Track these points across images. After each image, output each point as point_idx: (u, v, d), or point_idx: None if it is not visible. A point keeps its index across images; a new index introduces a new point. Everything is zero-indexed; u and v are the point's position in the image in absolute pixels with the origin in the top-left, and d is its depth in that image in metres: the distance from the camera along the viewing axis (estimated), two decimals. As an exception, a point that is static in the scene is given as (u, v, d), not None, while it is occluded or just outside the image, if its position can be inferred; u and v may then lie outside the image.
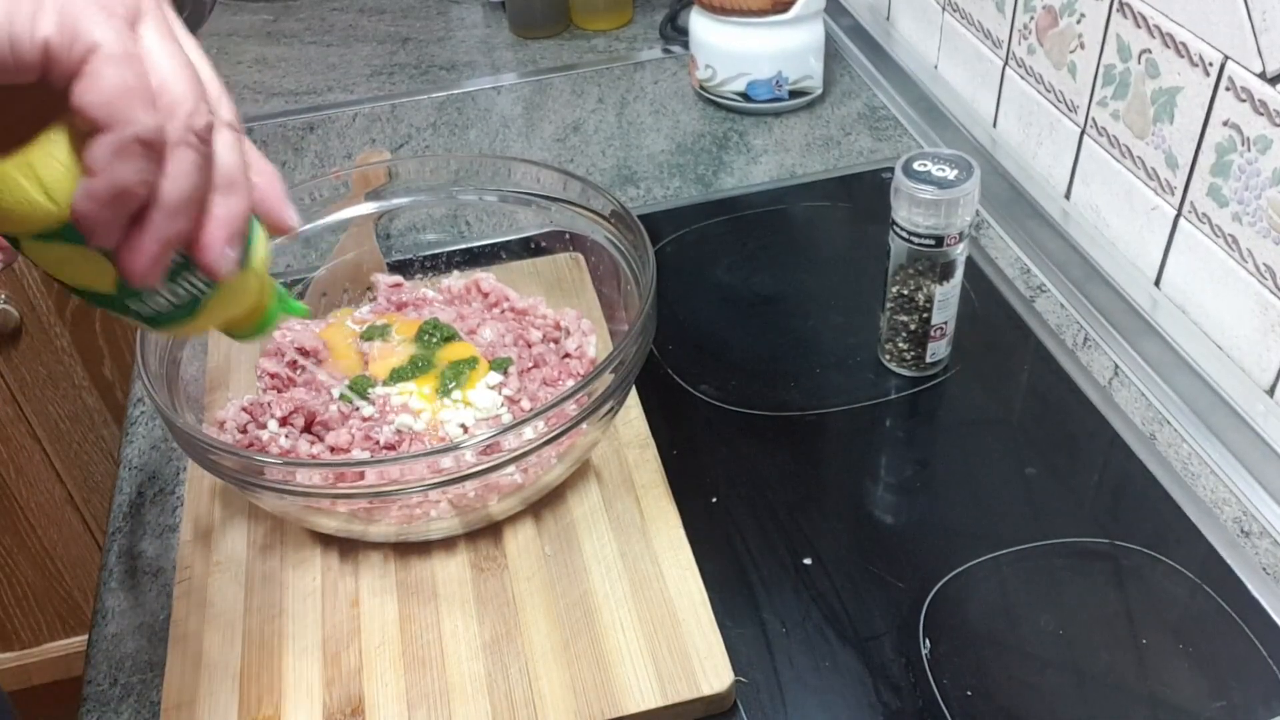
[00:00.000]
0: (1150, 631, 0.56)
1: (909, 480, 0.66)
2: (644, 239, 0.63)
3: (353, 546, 0.61)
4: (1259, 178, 0.63)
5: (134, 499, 0.68)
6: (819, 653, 0.56)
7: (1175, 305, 0.73)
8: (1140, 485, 0.64)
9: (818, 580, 0.60)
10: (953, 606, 0.58)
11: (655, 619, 0.56)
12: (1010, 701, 0.54)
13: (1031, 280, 0.80)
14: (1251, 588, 0.58)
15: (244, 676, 0.55)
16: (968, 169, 0.63)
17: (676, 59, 1.11)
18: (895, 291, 0.68)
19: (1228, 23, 0.63)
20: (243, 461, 0.54)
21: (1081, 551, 0.61)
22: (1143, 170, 0.73)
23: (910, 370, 0.72)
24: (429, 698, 0.54)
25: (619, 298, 0.69)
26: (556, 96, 1.06)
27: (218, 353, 0.69)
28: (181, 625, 0.58)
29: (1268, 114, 0.61)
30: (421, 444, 0.61)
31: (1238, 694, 0.53)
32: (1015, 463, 0.66)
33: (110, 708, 0.57)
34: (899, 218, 0.64)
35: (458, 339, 0.66)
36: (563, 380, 0.67)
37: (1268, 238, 0.63)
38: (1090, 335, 0.75)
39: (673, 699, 0.53)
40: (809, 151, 0.96)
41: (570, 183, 0.69)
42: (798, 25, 0.96)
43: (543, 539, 0.61)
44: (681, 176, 0.93)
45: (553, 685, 0.54)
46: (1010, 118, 0.89)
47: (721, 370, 0.73)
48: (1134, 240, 0.76)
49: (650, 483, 0.63)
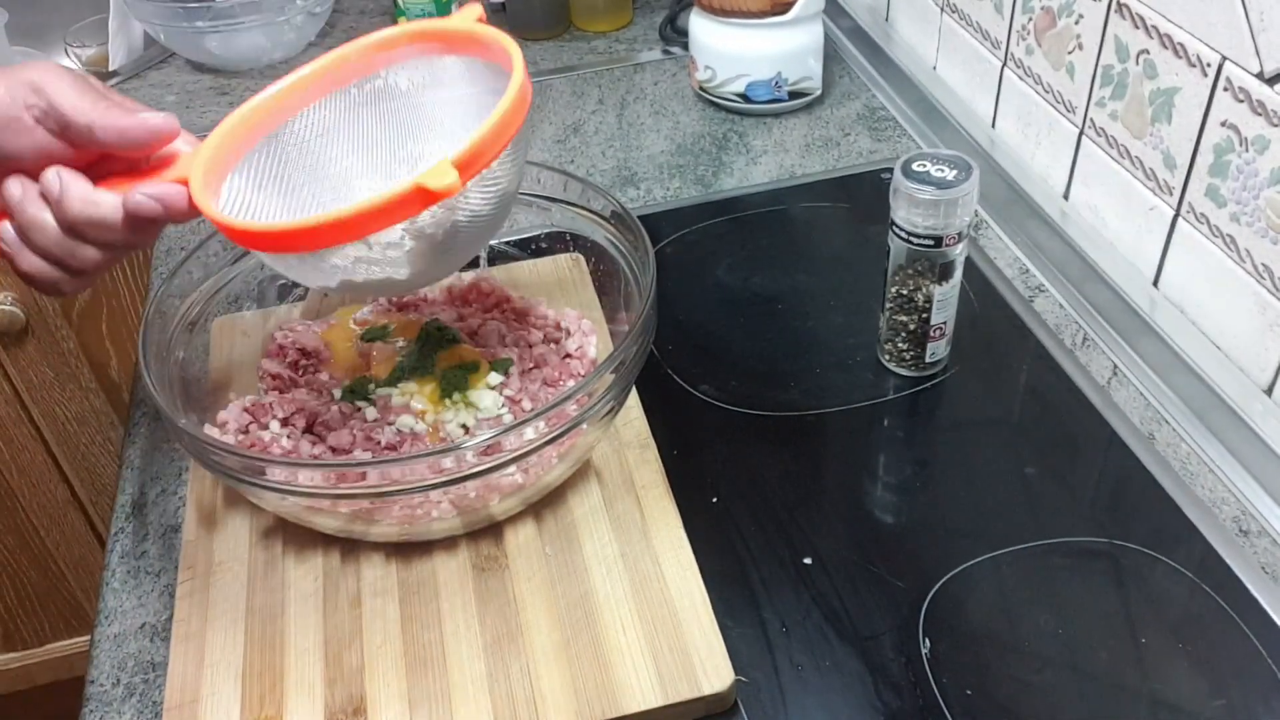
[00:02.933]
0: (1150, 631, 0.57)
1: (909, 480, 0.66)
2: (644, 240, 0.63)
3: (354, 546, 0.61)
4: (1257, 178, 0.63)
5: (136, 499, 0.68)
6: (819, 652, 0.56)
7: (1173, 305, 0.73)
8: (1139, 485, 0.64)
9: (818, 580, 0.60)
10: (952, 606, 0.58)
11: (656, 619, 0.56)
12: (1010, 701, 0.54)
13: (1030, 280, 0.80)
14: (1250, 587, 0.58)
15: (246, 676, 0.56)
16: (966, 169, 0.63)
17: (676, 60, 1.12)
18: (894, 292, 0.68)
19: (1225, 23, 0.63)
20: (244, 462, 0.54)
21: (1080, 551, 0.61)
22: (1141, 170, 0.74)
23: (910, 370, 0.72)
24: (430, 697, 0.54)
25: (619, 298, 0.69)
26: (557, 98, 1.07)
27: (220, 354, 0.69)
28: (184, 625, 0.58)
29: (1265, 114, 0.61)
30: (422, 445, 0.61)
31: (1237, 693, 0.54)
32: (1014, 462, 0.66)
33: (113, 708, 0.57)
34: (898, 218, 0.65)
35: (459, 340, 0.67)
36: (563, 381, 0.67)
37: (1265, 237, 0.63)
38: (1089, 335, 0.75)
39: (673, 698, 0.53)
40: (808, 152, 0.96)
41: (570, 184, 0.69)
42: (797, 26, 0.96)
43: (544, 539, 0.61)
44: (681, 177, 0.94)
45: (553, 685, 0.54)
46: (1009, 118, 0.89)
47: (722, 370, 0.74)
48: (1132, 240, 0.76)
49: (651, 483, 0.63)
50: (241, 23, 1.09)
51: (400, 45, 0.57)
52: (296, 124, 0.56)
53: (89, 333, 1.20)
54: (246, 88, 1.11)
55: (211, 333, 0.69)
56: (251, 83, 1.12)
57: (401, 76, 0.57)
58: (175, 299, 0.64)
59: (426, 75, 0.57)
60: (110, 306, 1.16)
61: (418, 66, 0.57)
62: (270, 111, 0.55)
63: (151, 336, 0.61)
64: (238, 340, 0.70)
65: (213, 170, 0.52)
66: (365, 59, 0.57)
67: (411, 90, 0.58)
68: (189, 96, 1.10)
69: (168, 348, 0.62)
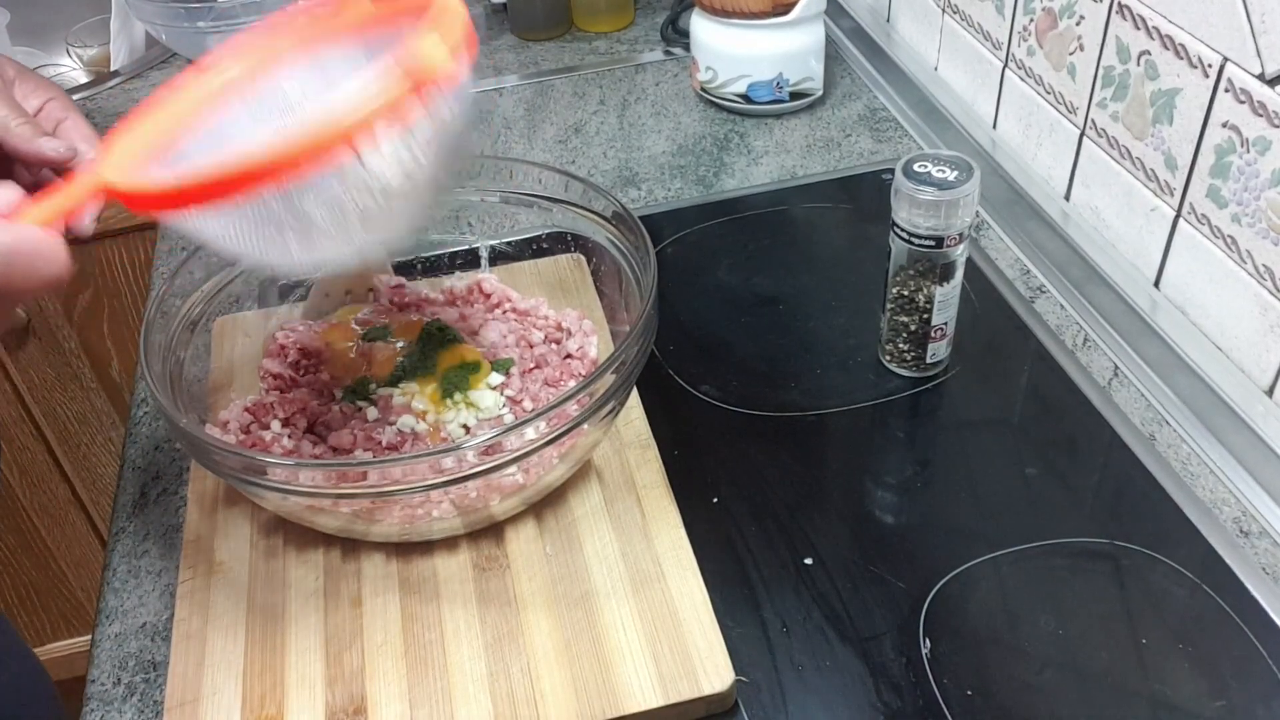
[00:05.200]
0: (1150, 631, 0.57)
1: (909, 480, 0.66)
2: (645, 240, 0.63)
3: (355, 546, 0.61)
4: (1258, 179, 0.63)
5: (137, 499, 0.68)
6: (820, 652, 0.56)
7: (1175, 306, 0.73)
8: (1140, 485, 0.64)
9: (818, 580, 0.60)
10: (953, 606, 0.58)
11: (656, 618, 0.56)
12: (1010, 701, 0.54)
13: (1031, 281, 0.80)
14: (1251, 588, 0.58)
15: (247, 676, 0.56)
16: (968, 170, 0.63)
17: (678, 61, 1.12)
18: (895, 292, 0.68)
19: (1227, 24, 0.63)
20: (245, 461, 0.54)
21: (1081, 551, 0.61)
22: (1142, 171, 0.74)
23: (910, 371, 0.72)
24: (431, 697, 0.54)
25: (620, 299, 0.69)
26: (558, 98, 1.07)
27: (221, 354, 0.70)
28: (185, 625, 0.58)
29: (1267, 115, 0.61)
30: (424, 445, 0.61)
31: (1237, 694, 0.54)
32: (1015, 463, 0.66)
33: (114, 707, 0.57)
34: (899, 219, 0.65)
35: (460, 340, 0.67)
36: (564, 381, 0.67)
37: (1267, 239, 0.63)
38: (1090, 336, 0.75)
39: (674, 698, 0.53)
40: (810, 153, 0.96)
41: (572, 184, 0.69)
42: (798, 27, 0.96)
43: (544, 539, 0.61)
44: (683, 178, 0.94)
45: (554, 685, 0.54)
46: (1010, 119, 0.89)
47: (722, 371, 0.74)
48: (1133, 241, 0.76)
49: (651, 483, 0.63)
50: (243, 23, 1.08)
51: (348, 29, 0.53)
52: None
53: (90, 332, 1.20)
54: (248, 88, 1.11)
55: (213, 332, 0.69)
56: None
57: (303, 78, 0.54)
58: (177, 299, 0.64)
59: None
60: (112, 306, 1.16)
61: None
62: (185, 107, 0.53)
63: (153, 336, 0.61)
64: (239, 340, 0.70)
65: (127, 168, 0.50)
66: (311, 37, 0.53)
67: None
68: (190, 96, 1.10)
69: (169, 347, 0.62)
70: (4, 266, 0.43)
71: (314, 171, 0.44)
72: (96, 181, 0.48)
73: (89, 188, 0.48)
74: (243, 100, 0.54)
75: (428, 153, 0.46)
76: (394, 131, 0.44)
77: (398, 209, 0.48)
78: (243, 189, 0.44)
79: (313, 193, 0.45)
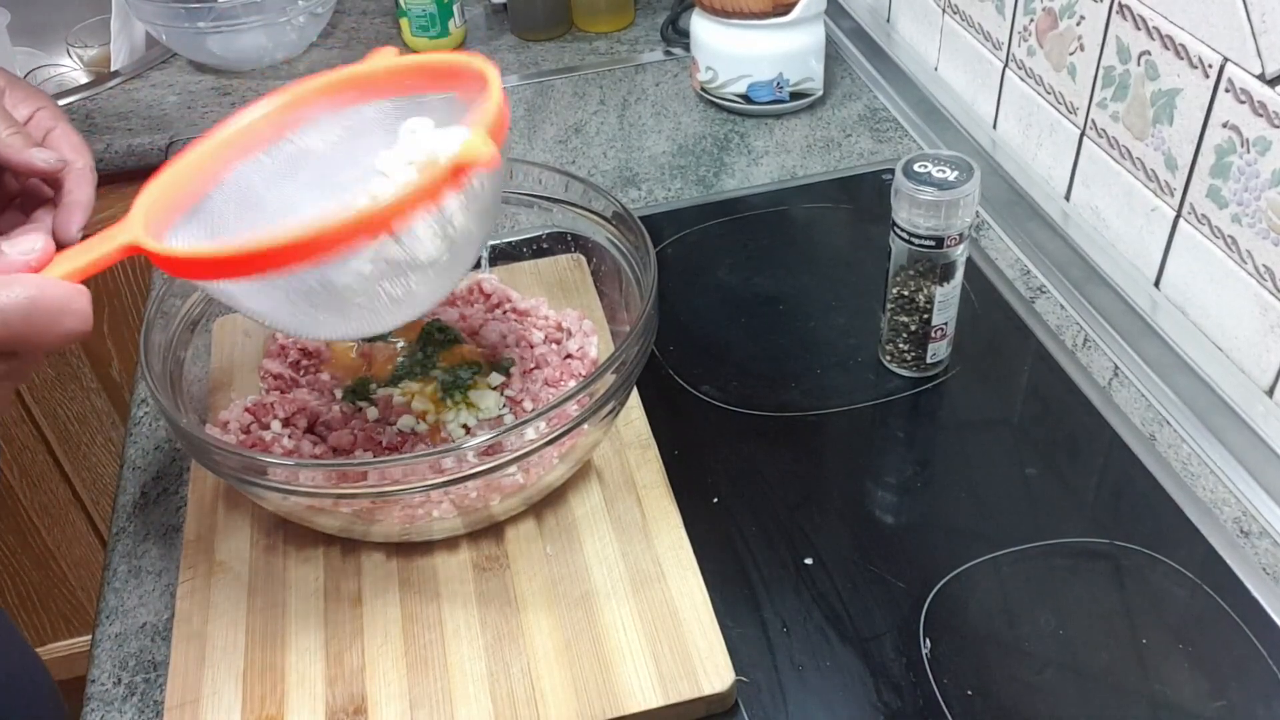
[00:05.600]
0: (1150, 631, 0.57)
1: (909, 480, 0.66)
2: (645, 240, 0.63)
3: (355, 546, 0.61)
4: (1258, 179, 0.63)
5: (137, 499, 0.68)
6: (820, 652, 0.56)
7: (1175, 306, 0.73)
8: (1140, 486, 0.64)
9: (818, 580, 0.60)
10: (953, 606, 0.58)
11: (657, 619, 0.56)
12: (1010, 701, 0.54)
13: (1031, 281, 0.80)
14: (1251, 588, 0.58)
15: (247, 676, 0.56)
16: (968, 170, 0.63)
17: (678, 61, 1.12)
18: (896, 292, 0.68)
19: (1227, 25, 0.63)
20: (245, 461, 0.54)
21: (1081, 551, 0.61)
22: (1142, 172, 0.74)
23: (911, 371, 0.72)
24: (431, 697, 0.54)
25: (620, 299, 0.69)
26: (558, 98, 1.07)
27: (221, 354, 0.70)
28: (185, 625, 0.58)
29: (1267, 115, 0.61)
30: (424, 445, 0.61)
31: (1237, 694, 0.54)
32: (1015, 463, 0.66)
33: (114, 707, 0.57)
34: (899, 219, 0.65)
35: (460, 340, 0.67)
36: (564, 381, 0.67)
37: (1267, 239, 0.63)
38: (1090, 336, 0.75)
39: (674, 698, 0.53)
40: (810, 153, 0.96)
41: (572, 184, 0.69)
42: (798, 27, 0.96)
43: (544, 539, 0.61)
44: (683, 178, 0.94)
45: (554, 685, 0.54)
46: (1010, 119, 0.89)
47: (723, 371, 0.74)
48: (1134, 241, 0.76)
49: (651, 483, 0.63)
50: (243, 23, 1.09)
51: (385, 82, 0.54)
52: (235, 178, 0.54)
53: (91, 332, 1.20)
54: (248, 88, 1.11)
55: (213, 332, 0.69)
56: (253, 83, 1.12)
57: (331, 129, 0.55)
58: (177, 299, 0.64)
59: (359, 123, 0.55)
60: (112, 306, 1.16)
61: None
62: (212, 160, 0.53)
63: (153, 336, 0.61)
64: (239, 340, 0.70)
65: (156, 222, 0.50)
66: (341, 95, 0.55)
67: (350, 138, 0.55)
68: (191, 97, 1.11)
69: (169, 347, 0.62)
70: (26, 319, 0.44)
71: (348, 251, 0.45)
72: (128, 240, 0.48)
73: (119, 246, 0.48)
74: (267, 153, 0.55)
75: (459, 224, 0.48)
76: (429, 213, 0.46)
77: (428, 281, 0.50)
78: (275, 265, 0.45)
79: (345, 269, 0.46)
